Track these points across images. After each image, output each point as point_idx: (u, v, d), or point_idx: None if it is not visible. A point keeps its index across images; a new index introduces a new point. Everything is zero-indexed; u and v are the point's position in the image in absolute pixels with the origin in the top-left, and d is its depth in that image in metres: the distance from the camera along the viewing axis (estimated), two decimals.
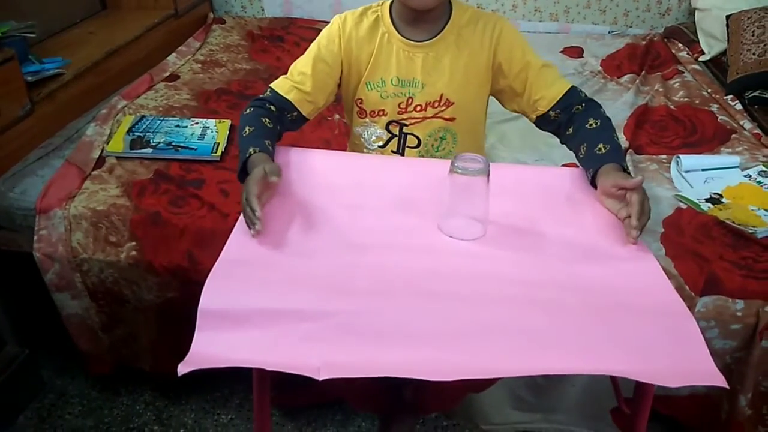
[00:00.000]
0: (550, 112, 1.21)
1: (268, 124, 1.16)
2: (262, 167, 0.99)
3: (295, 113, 1.23)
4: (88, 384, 1.64)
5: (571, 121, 1.18)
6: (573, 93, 1.21)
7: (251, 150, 1.08)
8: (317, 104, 1.26)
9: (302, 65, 1.24)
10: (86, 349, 1.55)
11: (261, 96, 1.24)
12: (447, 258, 0.94)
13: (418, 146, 1.31)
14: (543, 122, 1.25)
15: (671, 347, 0.79)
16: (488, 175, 0.94)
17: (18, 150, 1.65)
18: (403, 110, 1.27)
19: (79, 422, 1.54)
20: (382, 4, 1.25)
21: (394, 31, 1.22)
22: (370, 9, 1.25)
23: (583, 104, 1.19)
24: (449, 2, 1.22)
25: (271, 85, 1.25)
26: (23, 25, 1.79)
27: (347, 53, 1.24)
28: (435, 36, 1.22)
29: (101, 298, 1.49)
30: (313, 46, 1.26)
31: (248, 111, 1.19)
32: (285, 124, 1.23)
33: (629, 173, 1.06)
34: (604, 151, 1.08)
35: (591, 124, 1.15)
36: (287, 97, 1.22)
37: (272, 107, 1.21)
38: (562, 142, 1.23)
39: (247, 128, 1.14)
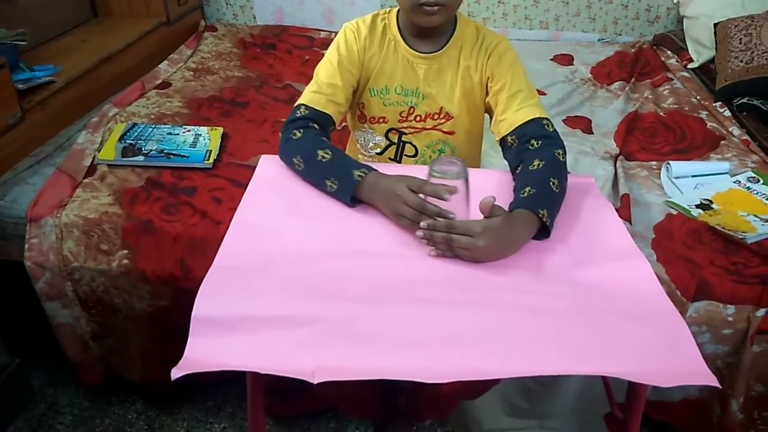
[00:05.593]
0: (508, 137, 1.14)
1: (329, 142, 1.14)
2: (429, 187, 0.96)
3: (332, 127, 1.21)
4: (79, 394, 1.62)
5: (521, 158, 1.10)
6: (534, 124, 1.13)
7: (358, 174, 1.03)
8: (343, 114, 1.26)
9: (328, 77, 1.21)
10: (76, 358, 1.54)
11: (297, 116, 1.17)
12: (440, 264, 0.94)
13: (415, 155, 1.31)
14: (503, 148, 1.18)
15: (663, 348, 0.79)
16: (467, 179, 0.95)
17: (8, 158, 1.64)
18: (404, 119, 1.27)
19: None
20: (389, 11, 1.25)
21: (401, 39, 1.23)
22: (378, 16, 1.25)
23: (540, 141, 1.10)
24: (455, 16, 1.22)
25: (303, 102, 1.19)
26: (14, 32, 1.79)
27: (361, 59, 1.24)
28: (439, 49, 1.22)
29: (92, 307, 1.48)
30: (332, 55, 1.23)
31: (298, 135, 1.13)
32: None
33: (545, 221, 0.97)
34: (526, 194, 1.00)
35: (534, 166, 1.06)
36: (326, 111, 1.19)
37: (315, 125, 1.17)
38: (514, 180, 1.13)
39: (320, 153, 1.08)
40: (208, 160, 1.63)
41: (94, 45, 2.16)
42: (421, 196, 0.97)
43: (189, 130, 1.77)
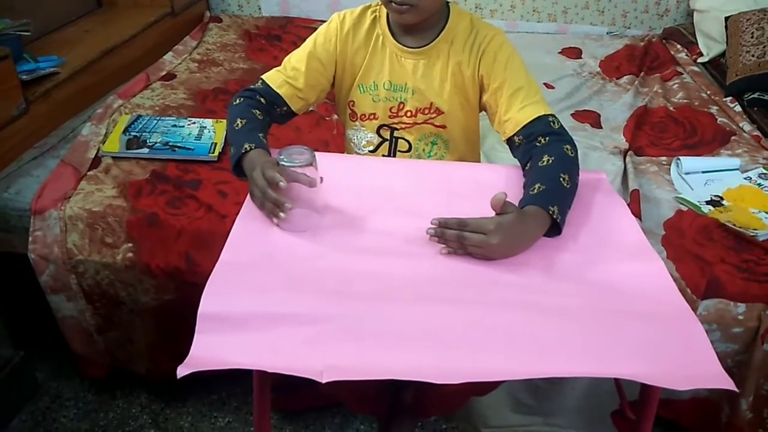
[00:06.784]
0: (515, 138, 1.12)
1: (259, 116, 1.16)
2: (269, 172, 0.96)
3: (285, 108, 1.22)
4: (83, 387, 1.62)
5: (529, 155, 1.08)
6: (540, 122, 1.10)
7: (246, 146, 1.06)
8: (308, 101, 1.25)
9: (296, 60, 1.23)
10: (80, 351, 1.54)
11: (252, 87, 1.22)
12: (450, 262, 0.92)
13: (409, 150, 1.29)
14: (510, 147, 1.15)
15: (677, 350, 0.78)
16: (315, 165, 0.95)
17: (12, 150, 1.63)
18: (395, 114, 1.25)
19: (74, 425, 1.53)
20: (381, 5, 1.22)
21: (389, 34, 1.20)
22: (369, 9, 1.23)
23: (548, 137, 1.08)
24: (447, 10, 1.19)
25: (263, 76, 1.23)
26: (18, 23, 1.78)
27: (342, 54, 1.22)
28: (428, 44, 1.19)
29: (97, 301, 1.47)
30: (309, 41, 1.24)
31: (238, 102, 1.18)
32: (274, 117, 1.22)
33: (555, 218, 0.95)
34: (536, 191, 0.98)
35: (544, 162, 1.04)
36: (278, 91, 1.21)
37: (262, 99, 1.20)
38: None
39: (238, 120, 1.13)
40: (213, 152, 1.62)
41: (99, 36, 2.15)
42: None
43: (194, 123, 1.75)
